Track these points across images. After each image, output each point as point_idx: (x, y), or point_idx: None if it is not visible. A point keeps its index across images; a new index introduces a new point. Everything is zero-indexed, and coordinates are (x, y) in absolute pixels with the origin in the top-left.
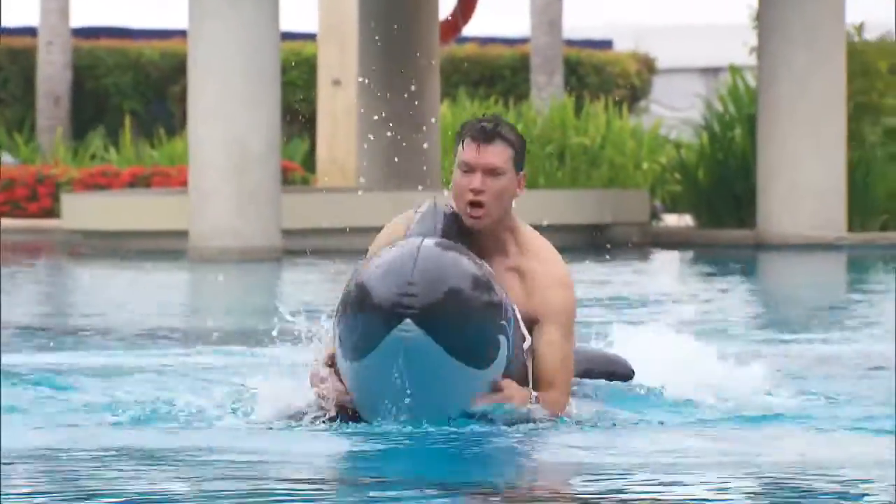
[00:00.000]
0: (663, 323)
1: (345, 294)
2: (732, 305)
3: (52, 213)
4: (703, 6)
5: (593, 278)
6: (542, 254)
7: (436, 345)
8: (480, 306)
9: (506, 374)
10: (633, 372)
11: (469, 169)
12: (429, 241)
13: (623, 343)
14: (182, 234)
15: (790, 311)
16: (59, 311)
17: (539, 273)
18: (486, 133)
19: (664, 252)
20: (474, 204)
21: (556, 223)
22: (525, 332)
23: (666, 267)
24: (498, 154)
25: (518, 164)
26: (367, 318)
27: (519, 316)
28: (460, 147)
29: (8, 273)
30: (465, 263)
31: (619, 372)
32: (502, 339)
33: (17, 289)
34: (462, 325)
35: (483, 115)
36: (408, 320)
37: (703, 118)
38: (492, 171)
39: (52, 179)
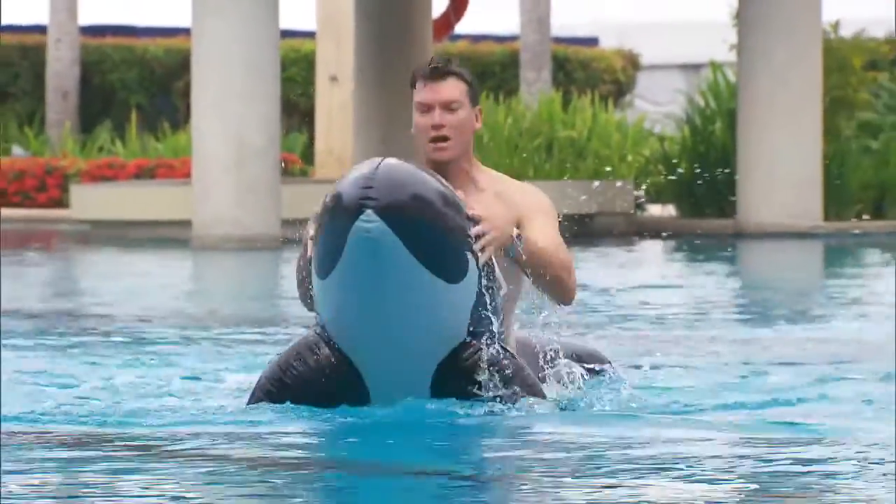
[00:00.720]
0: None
1: (320, 207)
2: (713, 291)
3: (61, 203)
4: (685, 4)
5: (584, 266)
6: (509, 181)
7: (398, 242)
8: (443, 211)
9: (479, 307)
10: (610, 362)
11: (427, 108)
12: (389, 159)
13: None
14: (185, 224)
15: (768, 295)
16: (68, 297)
17: (513, 188)
18: (437, 71)
19: (648, 241)
20: (437, 139)
21: None
22: (501, 279)
23: (650, 255)
24: (452, 88)
25: (473, 98)
26: (332, 223)
27: (496, 263)
28: (415, 90)
29: (18, 261)
30: (425, 174)
31: (595, 362)
32: (469, 256)
33: (28, 277)
34: (424, 225)
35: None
36: (368, 211)
37: (685, 112)
38: (448, 106)
39: (60, 171)
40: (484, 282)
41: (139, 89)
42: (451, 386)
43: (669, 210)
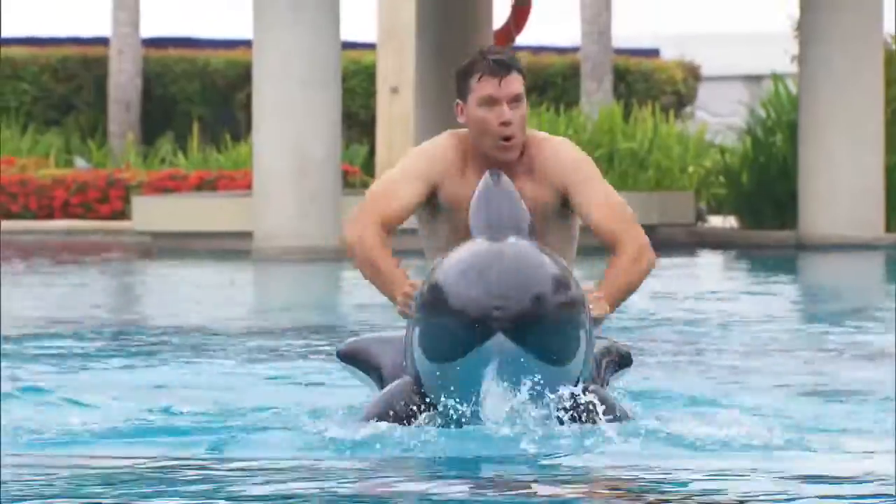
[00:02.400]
0: None
1: (425, 295)
2: (776, 301)
3: (123, 214)
4: (747, 16)
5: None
6: (546, 144)
7: (526, 353)
8: (565, 309)
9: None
10: (632, 357)
11: (494, 102)
12: (506, 247)
13: None
14: (246, 235)
15: (829, 307)
16: (127, 309)
17: (548, 157)
18: (503, 65)
19: (709, 252)
20: (505, 137)
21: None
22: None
23: (710, 267)
24: (517, 82)
25: (526, 89)
26: (454, 328)
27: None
28: (474, 83)
29: (80, 272)
30: (546, 266)
31: (621, 360)
32: (582, 333)
33: (90, 288)
34: (550, 332)
35: (481, 50)
36: (500, 334)
37: (746, 124)
38: (515, 100)
39: (122, 183)
40: (589, 345)
41: (201, 101)
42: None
43: (730, 221)
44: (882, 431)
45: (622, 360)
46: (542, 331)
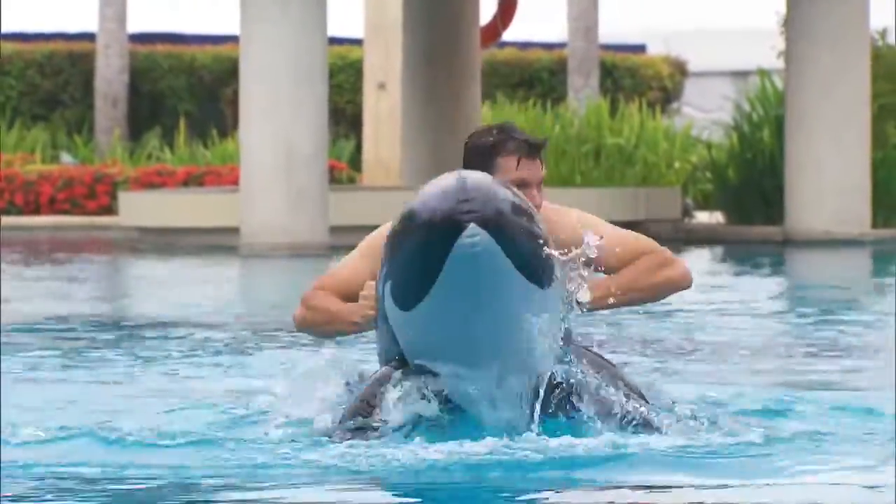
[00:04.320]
0: None
1: (392, 235)
2: (760, 297)
3: (110, 210)
4: (733, 12)
5: None
6: (554, 215)
7: (503, 255)
8: (528, 218)
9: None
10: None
11: (526, 185)
12: (469, 173)
13: None
14: (233, 231)
15: (813, 303)
16: (113, 304)
17: (559, 225)
18: (533, 147)
19: (695, 248)
20: None
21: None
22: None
23: (697, 262)
24: (538, 169)
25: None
26: (423, 244)
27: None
28: (502, 160)
29: (67, 268)
30: (508, 189)
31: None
32: (552, 259)
33: (78, 283)
34: (520, 232)
35: (504, 126)
36: (472, 224)
37: (733, 119)
38: (539, 184)
39: (109, 178)
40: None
41: (188, 97)
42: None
43: (717, 217)
44: (861, 433)
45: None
46: (513, 228)
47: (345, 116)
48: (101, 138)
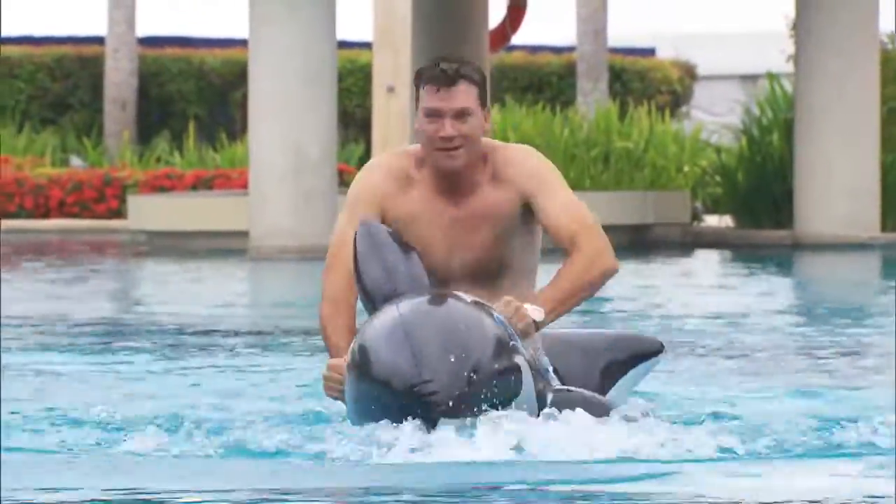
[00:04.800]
0: None
1: (351, 377)
2: (769, 301)
3: (119, 213)
4: (742, 15)
5: (638, 277)
6: (507, 152)
7: (471, 417)
8: (490, 357)
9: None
10: (663, 346)
11: (436, 114)
12: (407, 314)
13: None
14: (242, 234)
15: (822, 307)
16: (121, 308)
17: (509, 164)
18: (448, 76)
19: (704, 252)
20: (448, 149)
21: (601, 223)
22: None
23: (705, 266)
24: (464, 95)
25: (483, 99)
26: (392, 402)
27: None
28: (422, 91)
29: (76, 271)
30: (455, 319)
31: (648, 350)
32: (520, 360)
33: (86, 286)
34: (488, 387)
35: (438, 56)
36: (440, 416)
37: (742, 123)
38: (460, 114)
39: (118, 182)
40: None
41: (197, 100)
42: None
43: (726, 221)
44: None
45: (642, 354)
46: (478, 391)
47: (354, 120)
48: (110, 142)
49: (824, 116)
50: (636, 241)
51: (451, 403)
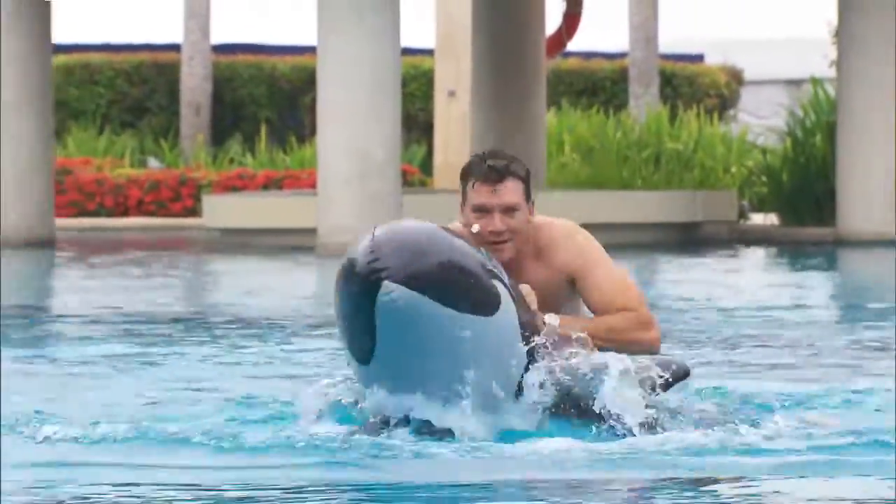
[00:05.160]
0: None
1: (334, 292)
2: (812, 295)
3: (194, 212)
4: (787, 22)
5: (687, 272)
6: (552, 231)
7: (427, 299)
8: (452, 250)
9: (524, 323)
10: (689, 370)
11: (485, 210)
12: (383, 224)
13: None
14: (310, 232)
15: (866, 301)
16: (193, 302)
17: (553, 244)
18: (497, 173)
19: (750, 248)
20: (497, 242)
21: (652, 221)
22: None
23: (751, 262)
24: (511, 192)
25: (528, 193)
26: (350, 305)
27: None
28: (470, 188)
29: (153, 266)
30: (421, 224)
31: (677, 373)
32: (497, 283)
33: (163, 280)
34: (445, 270)
35: (484, 153)
36: (385, 282)
37: (787, 126)
38: (508, 209)
39: (193, 182)
40: (520, 307)
41: (268, 104)
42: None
43: (771, 219)
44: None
45: (672, 376)
46: (431, 269)
47: (417, 123)
48: (185, 144)
49: (865, 119)
50: (686, 239)
51: (399, 274)
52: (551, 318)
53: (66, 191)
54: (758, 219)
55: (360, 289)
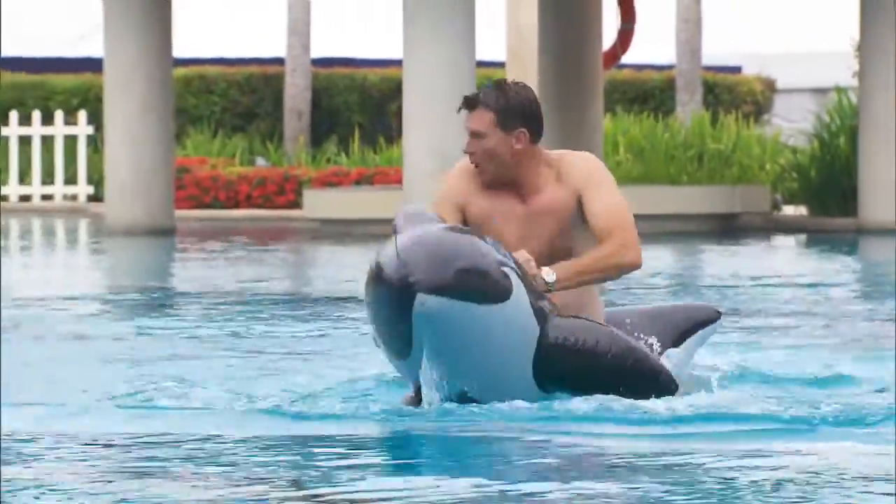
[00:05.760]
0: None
1: (365, 295)
2: (837, 277)
3: (296, 205)
4: (815, 37)
5: (727, 257)
6: (572, 157)
7: (451, 300)
8: (470, 251)
9: (538, 301)
10: (720, 313)
11: (469, 134)
12: (400, 236)
13: None
14: None
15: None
16: (302, 283)
17: (571, 167)
18: (468, 102)
19: (782, 236)
20: (474, 163)
21: (696, 212)
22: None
23: (785, 248)
24: (478, 119)
25: (504, 123)
26: (385, 311)
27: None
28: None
29: (262, 252)
30: (435, 227)
31: (706, 319)
32: (506, 270)
33: (270, 265)
34: (467, 272)
35: (494, 82)
36: (419, 293)
37: (814, 129)
38: (476, 135)
39: (295, 178)
40: (529, 287)
41: (360, 111)
42: (555, 371)
43: (801, 210)
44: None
45: (701, 321)
46: (457, 275)
47: None
48: (288, 145)
49: (884, 123)
50: (726, 228)
51: (429, 285)
52: (548, 275)
53: (185, 186)
54: (789, 210)
55: (395, 297)
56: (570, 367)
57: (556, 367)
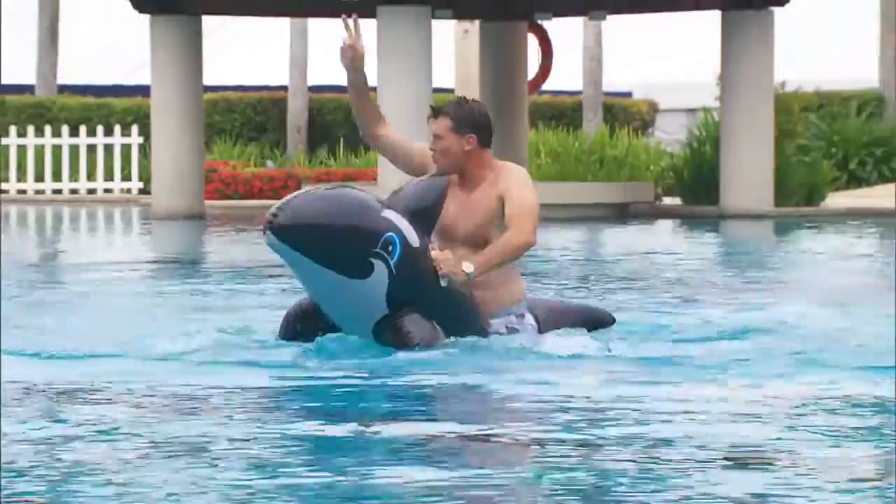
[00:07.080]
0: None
1: None
2: (703, 252)
3: None
4: (688, 70)
5: (622, 238)
6: (507, 168)
7: (291, 249)
8: (334, 229)
9: (396, 293)
10: (614, 319)
11: (432, 135)
12: (313, 189)
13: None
14: None
15: (742, 256)
16: None
17: (503, 175)
18: (434, 111)
19: (661, 221)
20: (433, 157)
21: (598, 202)
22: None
23: (662, 229)
24: (438, 125)
25: (459, 128)
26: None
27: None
28: None
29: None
30: (334, 195)
31: (602, 321)
32: (375, 261)
33: None
34: (316, 234)
35: (457, 99)
36: (267, 232)
37: (687, 139)
38: (437, 136)
39: (296, 176)
40: (399, 273)
41: (345, 125)
42: (384, 337)
43: (677, 201)
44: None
45: (595, 322)
46: (303, 233)
47: None
48: (290, 152)
49: (738, 135)
50: (620, 214)
51: (276, 228)
52: (467, 268)
53: (213, 182)
54: (668, 201)
55: (265, 223)
56: (395, 339)
57: (387, 337)
